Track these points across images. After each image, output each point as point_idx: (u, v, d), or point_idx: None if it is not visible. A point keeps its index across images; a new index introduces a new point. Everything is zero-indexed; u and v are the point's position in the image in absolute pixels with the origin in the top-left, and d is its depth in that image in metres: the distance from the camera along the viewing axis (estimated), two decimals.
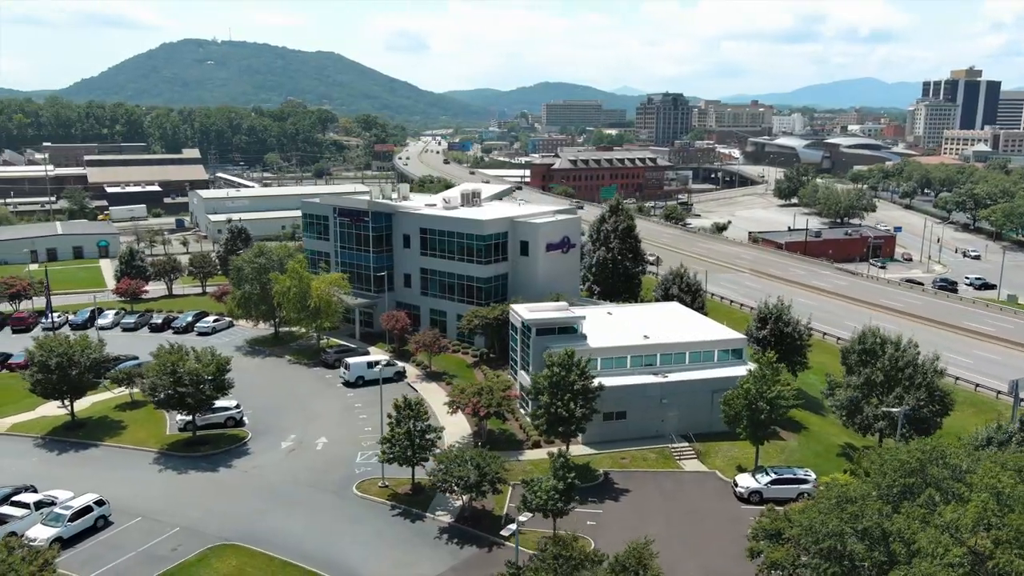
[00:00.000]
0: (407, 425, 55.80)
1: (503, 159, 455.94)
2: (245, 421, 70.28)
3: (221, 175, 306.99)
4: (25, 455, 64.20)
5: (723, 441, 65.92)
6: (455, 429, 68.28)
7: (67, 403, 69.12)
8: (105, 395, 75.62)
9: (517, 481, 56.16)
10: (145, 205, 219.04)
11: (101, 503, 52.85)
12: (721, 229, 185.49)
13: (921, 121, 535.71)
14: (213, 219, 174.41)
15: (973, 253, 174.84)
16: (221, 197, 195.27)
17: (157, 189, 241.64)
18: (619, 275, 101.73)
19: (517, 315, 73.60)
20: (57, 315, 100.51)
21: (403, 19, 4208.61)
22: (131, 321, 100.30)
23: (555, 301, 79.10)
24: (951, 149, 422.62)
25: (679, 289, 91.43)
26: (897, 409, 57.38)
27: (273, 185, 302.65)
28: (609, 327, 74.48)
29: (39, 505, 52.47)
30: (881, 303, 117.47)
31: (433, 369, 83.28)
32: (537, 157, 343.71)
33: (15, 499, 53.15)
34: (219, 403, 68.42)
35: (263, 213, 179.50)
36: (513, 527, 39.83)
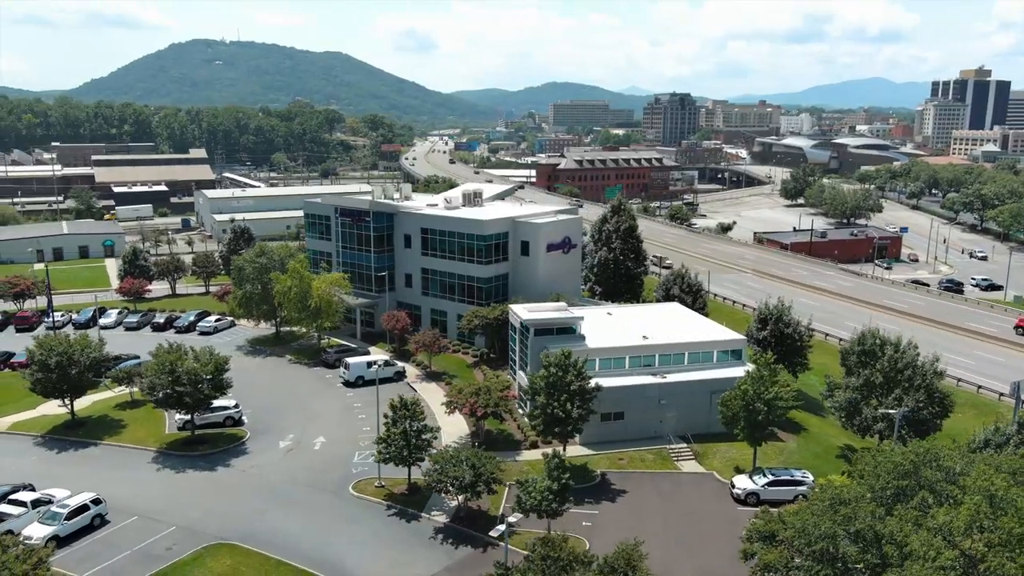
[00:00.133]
0: (403, 425, 55.79)
1: (509, 159, 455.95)
2: (244, 420, 70.41)
3: (227, 175, 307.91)
4: (25, 454, 64.48)
5: (721, 442, 65.65)
6: (453, 429, 68.31)
7: (67, 402, 69.37)
8: (106, 394, 75.89)
9: (513, 481, 56.18)
10: (151, 205, 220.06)
11: (98, 502, 52.99)
12: (726, 229, 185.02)
13: (930, 121, 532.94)
14: (218, 219, 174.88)
15: (980, 254, 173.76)
16: (226, 197, 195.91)
17: (164, 189, 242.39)
18: (621, 275, 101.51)
19: (515, 315, 73.58)
20: (60, 314, 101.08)
21: (411, 19, 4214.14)
22: (134, 320, 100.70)
23: (555, 301, 79.07)
24: (960, 149, 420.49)
25: (680, 290, 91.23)
26: (895, 411, 57.04)
27: (280, 185, 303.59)
28: (608, 327, 74.33)
29: (36, 504, 52.62)
30: (885, 304, 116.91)
31: (433, 369, 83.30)
32: (543, 157, 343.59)
33: (12, 497, 53.35)
34: (218, 402, 68.55)
35: (268, 213, 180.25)
36: (502, 527, 39.72)
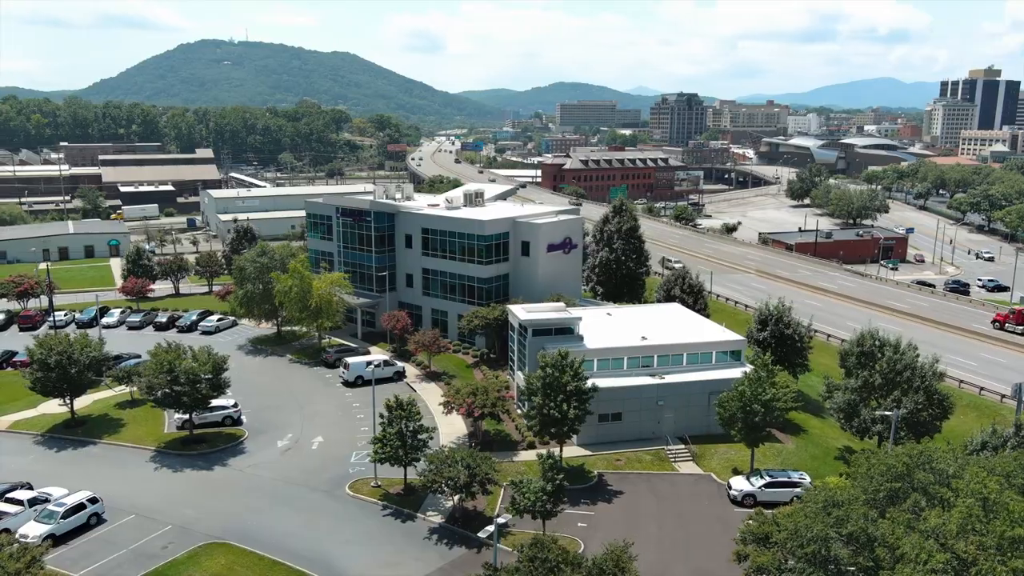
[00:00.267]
0: (399, 425, 55.81)
1: (516, 159, 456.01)
2: (243, 420, 70.55)
3: (234, 175, 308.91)
4: (24, 452, 64.79)
5: (720, 443, 65.44)
6: (451, 429, 68.32)
7: (67, 401, 69.63)
8: (106, 393, 76.18)
9: (507, 482, 56.05)
10: (158, 204, 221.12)
11: (94, 500, 53.17)
12: (730, 230, 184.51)
13: (938, 121, 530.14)
14: (223, 219, 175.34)
15: (987, 254, 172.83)
16: (232, 197, 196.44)
17: (170, 189, 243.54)
18: (622, 276, 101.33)
19: (514, 316, 73.52)
20: (63, 314, 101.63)
21: (419, 20, 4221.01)
22: (136, 320, 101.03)
23: (555, 302, 78.96)
24: (969, 149, 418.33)
25: (681, 290, 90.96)
26: (891, 412, 56.72)
27: (286, 185, 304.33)
28: (607, 328, 74.16)
29: (33, 502, 52.82)
30: (889, 305, 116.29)
31: (433, 369, 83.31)
32: (549, 157, 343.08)
33: (9, 496, 53.57)
34: (217, 402, 68.68)
35: (273, 213, 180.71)
36: (491, 528, 39.65)
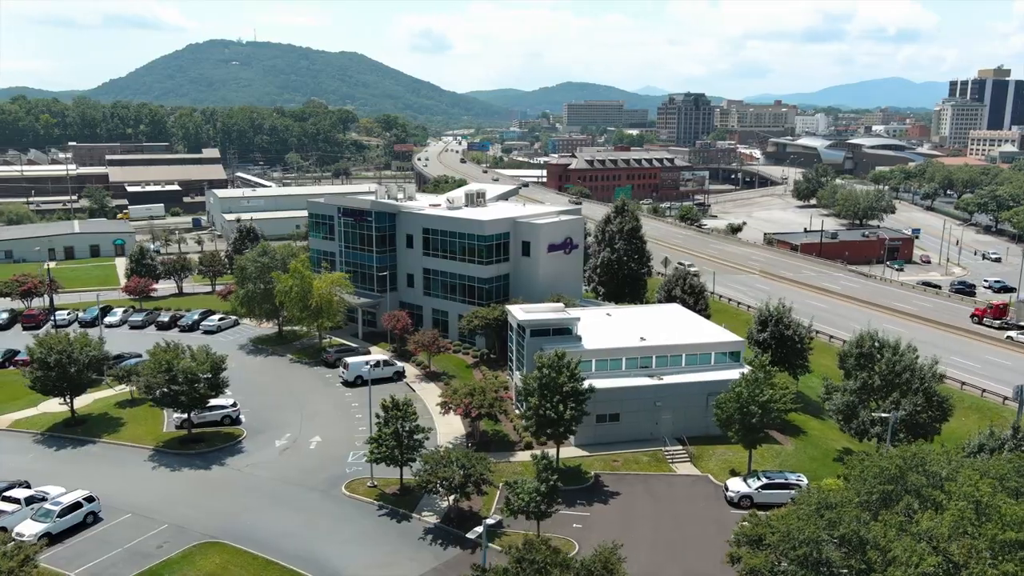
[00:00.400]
0: (395, 425, 55.79)
1: (522, 159, 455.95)
2: (242, 419, 70.66)
3: (240, 175, 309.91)
4: (24, 451, 65.05)
5: (718, 445, 65.18)
6: (449, 430, 68.29)
7: (67, 400, 69.90)
8: (107, 392, 76.44)
9: (502, 483, 55.98)
10: (164, 204, 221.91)
11: (91, 499, 53.29)
12: (735, 230, 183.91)
13: (947, 121, 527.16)
14: (228, 218, 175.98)
15: (993, 255, 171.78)
16: (236, 196, 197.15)
17: (177, 188, 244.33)
18: (624, 276, 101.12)
19: (512, 316, 73.45)
20: (67, 313, 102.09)
21: (427, 19, 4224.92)
22: (139, 319, 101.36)
23: (556, 302, 78.84)
24: (977, 150, 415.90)
25: (682, 291, 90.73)
26: (887, 414, 56.38)
27: (292, 185, 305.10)
28: (606, 329, 73.99)
29: (29, 501, 53.00)
30: (893, 306, 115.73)
31: (433, 369, 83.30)
32: (555, 157, 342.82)
33: (6, 494, 53.76)
34: (216, 401, 68.82)
35: (278, 212, 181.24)
36: (479, 529, 39.59)
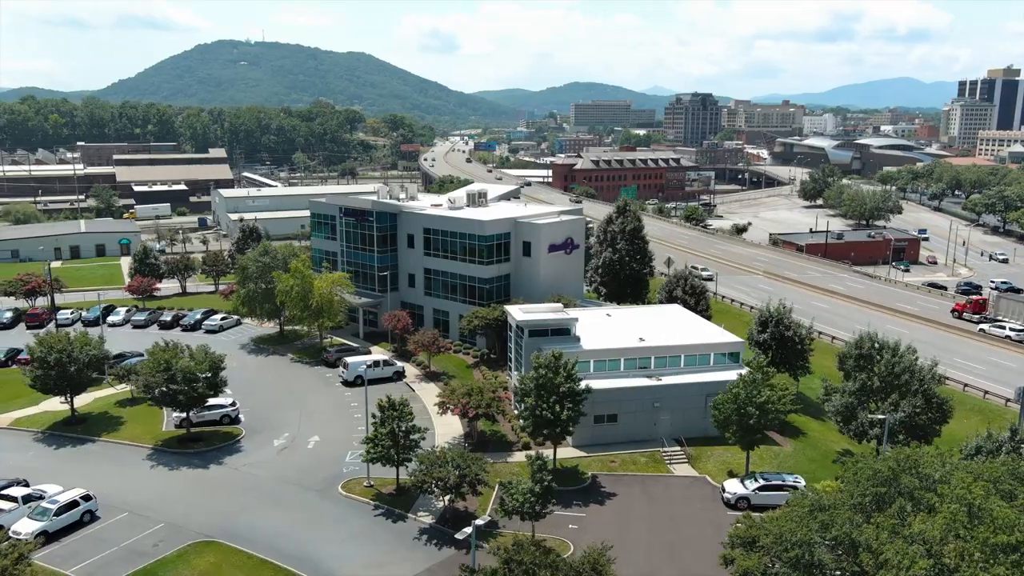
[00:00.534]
0: (391, 425, 55.79)
1: (528, 159, 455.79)
2: (241, 419, 70.81)
3: (246, 174, 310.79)
4: (23, 449, 65.33)
5: (716, 446, 64.94)
6: (447, 430, 68.26)
7: (67, 398, 70.20)
8: (107, 391, 76.75)
9: (497, 483, 55.88)
10: (170, 204, 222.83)
11: (88, 498, 53.49)
12: (740, 231, 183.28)
13: (956, 121, 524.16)
14: (233, 218, 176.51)
15: (1001, 256, 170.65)
16: (242, 196, 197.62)
17: (183, 188, 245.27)
18: (626, 277, 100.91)
19: (511, 316, 73.39)
20: (70, 312, 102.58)
21: (435, 19, 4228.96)
22: (141, 318, 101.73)
23: (556, 302, 78.73)
24: (986, 150, 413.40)
25: (683, 291, 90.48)
26: (885, 416, 56.05)
27: (299, 185, 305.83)
28: (605, 329, 73.84)
29: (27, 499, 53.22)
30: (897, 307, 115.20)
31: (433, 369, 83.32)
32: (561, 157, 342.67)
33: (4, 493, 53.97)
34: (215, 400, 68.98)
35: (283, 212, 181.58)
36: (468, 530, 39.54)
